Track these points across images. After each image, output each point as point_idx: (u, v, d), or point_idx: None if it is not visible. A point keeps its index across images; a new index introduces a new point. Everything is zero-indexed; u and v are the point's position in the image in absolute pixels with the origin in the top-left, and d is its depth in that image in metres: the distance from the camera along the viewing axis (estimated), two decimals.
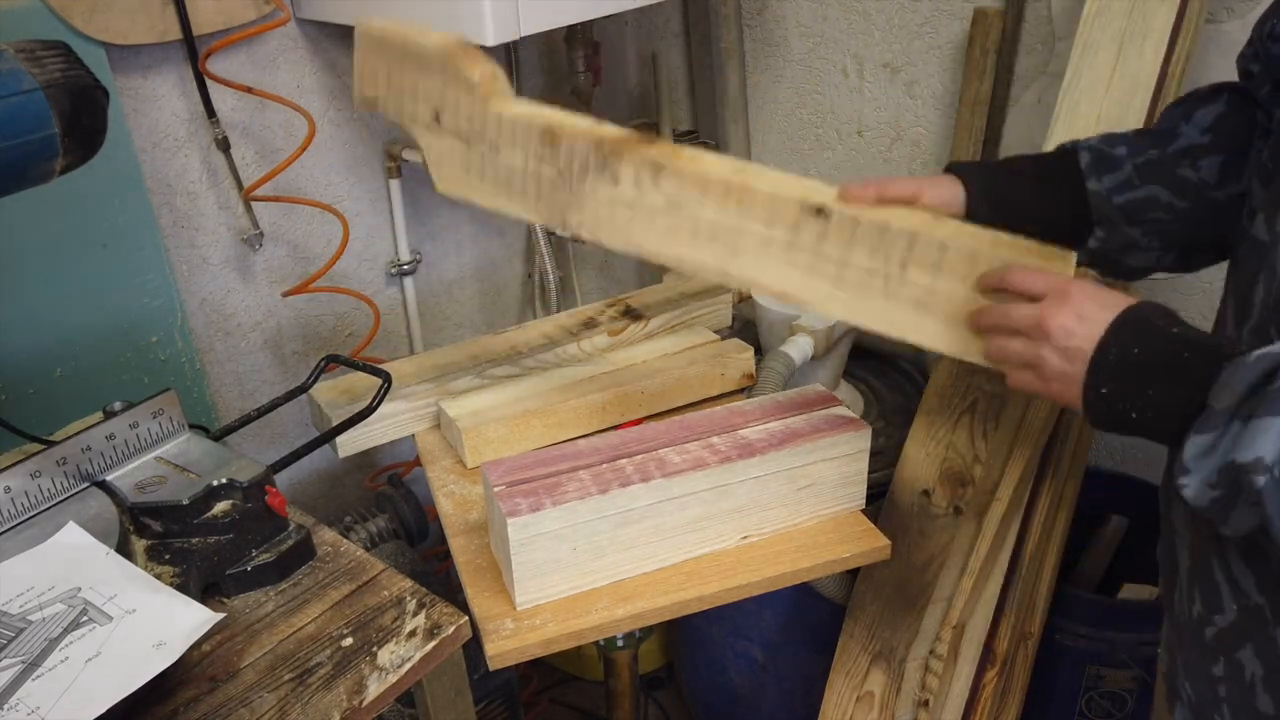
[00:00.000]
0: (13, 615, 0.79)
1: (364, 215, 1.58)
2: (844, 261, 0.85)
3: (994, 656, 1.30)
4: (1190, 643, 0.76)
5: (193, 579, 0.86)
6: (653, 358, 1.29)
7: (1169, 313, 0.70)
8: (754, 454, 0.98)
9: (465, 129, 0.97)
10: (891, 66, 1.63)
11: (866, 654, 1.36)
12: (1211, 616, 0.73)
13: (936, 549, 1.34)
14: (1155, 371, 0.67)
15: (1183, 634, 0.77)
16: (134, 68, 1.26)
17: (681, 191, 0.88)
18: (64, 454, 0.92)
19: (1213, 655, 0.73)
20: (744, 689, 1.61)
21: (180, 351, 1.36)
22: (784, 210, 0.85)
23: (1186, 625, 0.76)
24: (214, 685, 0.79)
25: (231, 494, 0.90)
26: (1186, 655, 0.76)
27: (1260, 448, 0.58)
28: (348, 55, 1.47)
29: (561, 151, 0.92)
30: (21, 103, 0.72)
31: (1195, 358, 0.65)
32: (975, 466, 1.34)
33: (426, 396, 1.23)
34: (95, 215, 1.23)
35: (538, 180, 0.95)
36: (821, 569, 1.00)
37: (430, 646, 0.83)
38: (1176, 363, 0.66)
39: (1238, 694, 0.71)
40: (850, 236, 0.83)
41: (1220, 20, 1.26)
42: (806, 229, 0.85)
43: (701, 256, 0.91)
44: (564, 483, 0.94)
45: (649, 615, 0.95)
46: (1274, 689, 0.69)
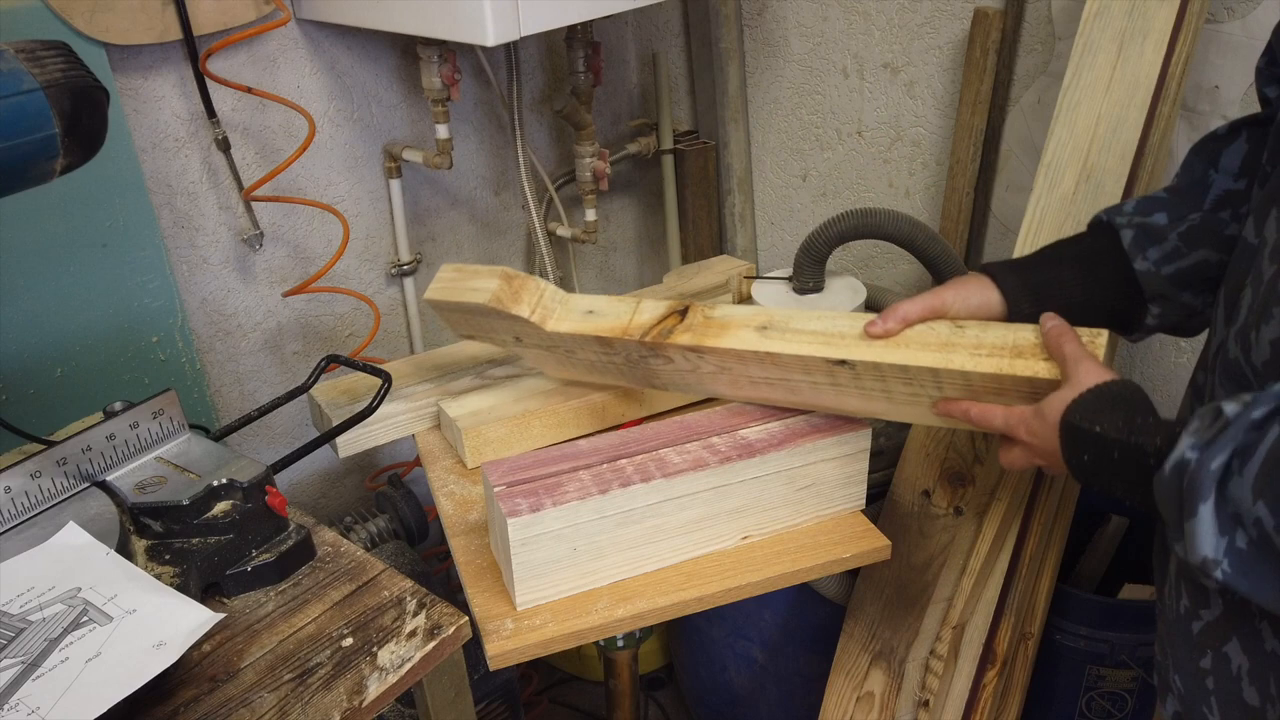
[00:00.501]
0: (13, 615, 0.79)
1: (364, 215, 1.58)
2: (887, 390, 0.93)
3: (994, 656, 1.30)
4: (1179, 637, 0.77)
5: (193, 579, 0.86)
6: None
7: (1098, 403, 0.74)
8: (754, 454, 0.98)
9: (541, 344, 1.11)
10: (891, 66, 1.63)
11: (866, 654, 1.36)
12: (1198, 611, 0.74)
13: (936, 549, 1.34)
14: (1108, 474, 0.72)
15: (1171, 629, 0.78)
16: (134, 68, 1.26)
17: (725, 361, 1.00)
18: (64, 454, 0.92)
19: (1200, 649, 0.74)
20: (744, 689, 1.61)
21: (180, 351, 1.36)
22: (814, 365, 0.94)
23: (1175, 621, 0.78)
24: (214, 685, 0.79)
25: (231, 494, 0.90)
26: (1175, 649, 0.78)
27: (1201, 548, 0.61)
28: (348, 55, 1.47)
29: (617, 349, 1.05)
30: (22, 103, 0.72)
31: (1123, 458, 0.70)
32: (975, 466, 1.33)
33: (426, 397, 1.23)
34: (95, 215, 1.23)
35: (616, 365, 1.09)
36: (821, 569, 1.00)
37: (430, 646, 0.83)
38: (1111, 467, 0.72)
39: (1225, 686, 0.73)
40: (881, 374, 0.91)
41: (1220, 20, 1.26)
42: (840, 375, 0.94)
43: (770, 396, 1.03)
44: (564, 483, 0.94)
45: (649, 615, 0.95)
46: (1260, 681, 0.70)
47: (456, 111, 1.61)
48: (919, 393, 0.91)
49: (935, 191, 1.67)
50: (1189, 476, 0.62)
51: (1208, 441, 0.61)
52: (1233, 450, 0.60)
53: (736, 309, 1.02)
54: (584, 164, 1.62)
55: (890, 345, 0.89)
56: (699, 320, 1.02)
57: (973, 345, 0.87)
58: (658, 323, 1.02)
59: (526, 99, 1.71)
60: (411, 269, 1.64)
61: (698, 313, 1.03)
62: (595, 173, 1.62)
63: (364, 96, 1.51)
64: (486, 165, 1.72)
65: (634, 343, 1.02)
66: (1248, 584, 0.60)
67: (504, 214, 1.79)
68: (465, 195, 1.71)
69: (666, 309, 1.04)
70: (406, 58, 1.52)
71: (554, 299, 1.08)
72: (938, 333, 0.89)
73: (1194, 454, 0.62)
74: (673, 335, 1.00)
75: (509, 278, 1.06)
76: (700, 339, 0.99)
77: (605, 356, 1.08)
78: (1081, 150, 1.31)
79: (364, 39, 1.47)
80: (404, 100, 1.56)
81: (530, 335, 1.10)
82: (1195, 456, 0.61)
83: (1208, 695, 0.74)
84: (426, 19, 1.22)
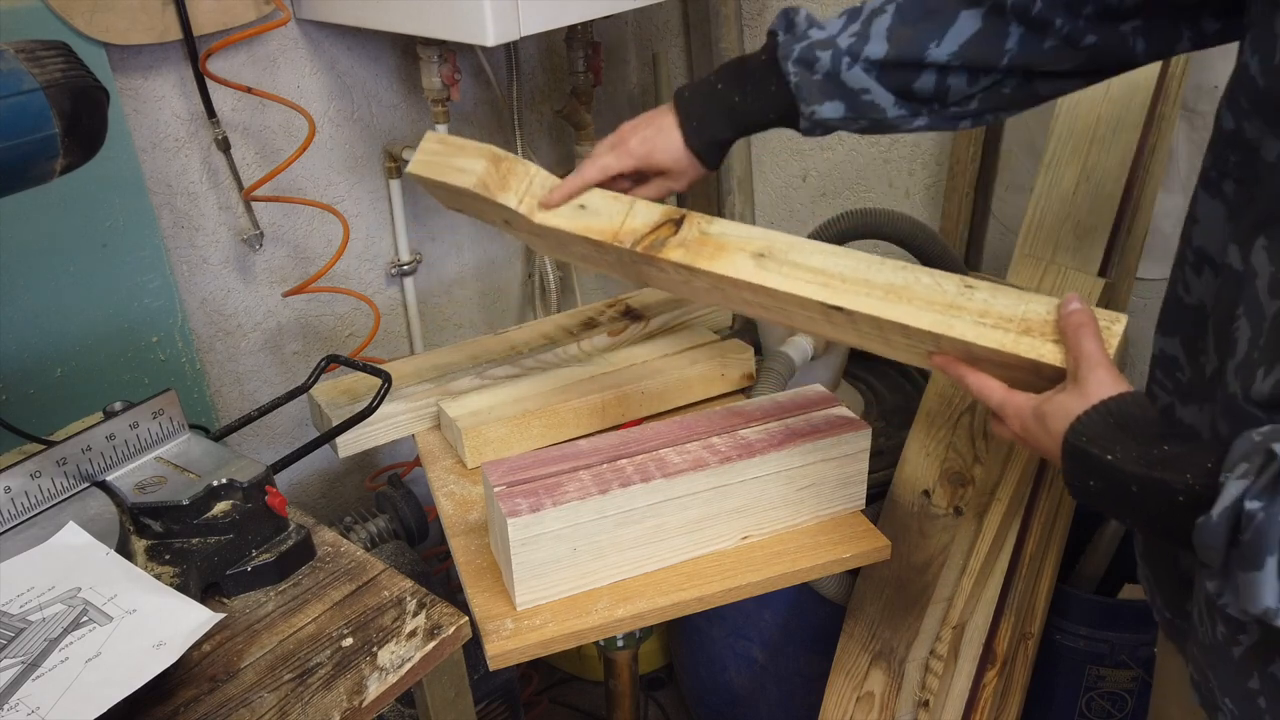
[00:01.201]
0: (13, 615, 0.79)
1: (364, 215, 1.58)
2: (885, 338, 0.88)
3: (994, 656, 1.30)
4: (1221, 662, 0.75)
5: (193, 579, 0.86)
6: (653, 358, 1.29)
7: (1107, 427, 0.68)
8: (754, 454, 0.98)
9: (532, 231, 1.04)
10: None
11: (866, 654, 1.36)
12: (1236, 637, 0.73)
13: (936, 549, 1.34)
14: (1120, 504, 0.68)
15: (1210, 653, 0.76)
16: (134, 68, 1.26)
17: (720, 283, 0.93)
18: (64, 454, 0.92)
19: (1245, 672, 0.73)
20: (744, 689, 1.61)
21: (180, 351, 1.36)
22: (810, 305, 0.89)
23: (1212, 646, 0.76)
24: (214, 685, 0.79)
25: (231, 494, 0.90)
26: (1219, 673, 0.76)
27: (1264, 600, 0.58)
28: (348, 55, 1.47)
29: (608, 252, 0.99)
30: (22, 103, 0.72)
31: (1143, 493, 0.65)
32: (975, 466, 1.34)
33: (426, 396, 1.23)
34: (95, 215, 1.23)
35: (609, 262, 1.03)
36: (821, 569, 1.00)
37: (430, 647, 0.83)
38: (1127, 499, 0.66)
39: (1278, 705, 0.71)
40: (879, 326, 0.86)
41: None
42: (837, 318, 0.88)
43: (765, 316, 0.99)
44: (564, 483, 0.94)
45: (649, 615, 0.95)
46: None
47: (456, 111, 1.61)
48: (917, 346, 0.88)
49: (935, 191, 1.67)
50: (1255, 529, 0.58)
51: (1268, 488, 0.58)
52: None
53: (735, 228, 0.94)
54: None
55: (891, 298, 0.85)
56: (694, 235, 0.94)
57: (979, 312, 0.82)
58: (651, 231, 0.95)
59: (526, 99, 1.71)
60: (411, 269, 1.64)
61: (693, 225, 0.95)
62: None
63: (364, 96, 1.51)
64: None
65: (625, 249, 0.96)
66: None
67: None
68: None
69: (661, 216, 0.97)
70: (406, 58, 1.52)
71: (544, 187, 1.00)
72: (944, 289, 0.84)
73: (1257, 504, 0.58)
74: (665, 249, 0.94)
75: (496, 160, 0.99)
76: (693, 259, 0.92)
77: (597, 254, 1.02)
78: (1081, 150, 1.31)
79: (364, 39, 1.47)
80: (404, 100, 1.56)
81: (519, 222, 1.03)
82: (1260, 507, 0.57)
83: (1262, 714, 0.73)
84: (426, 19, 1.22)
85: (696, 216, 0.96)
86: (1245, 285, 0.68)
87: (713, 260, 0.92)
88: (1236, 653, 0.73)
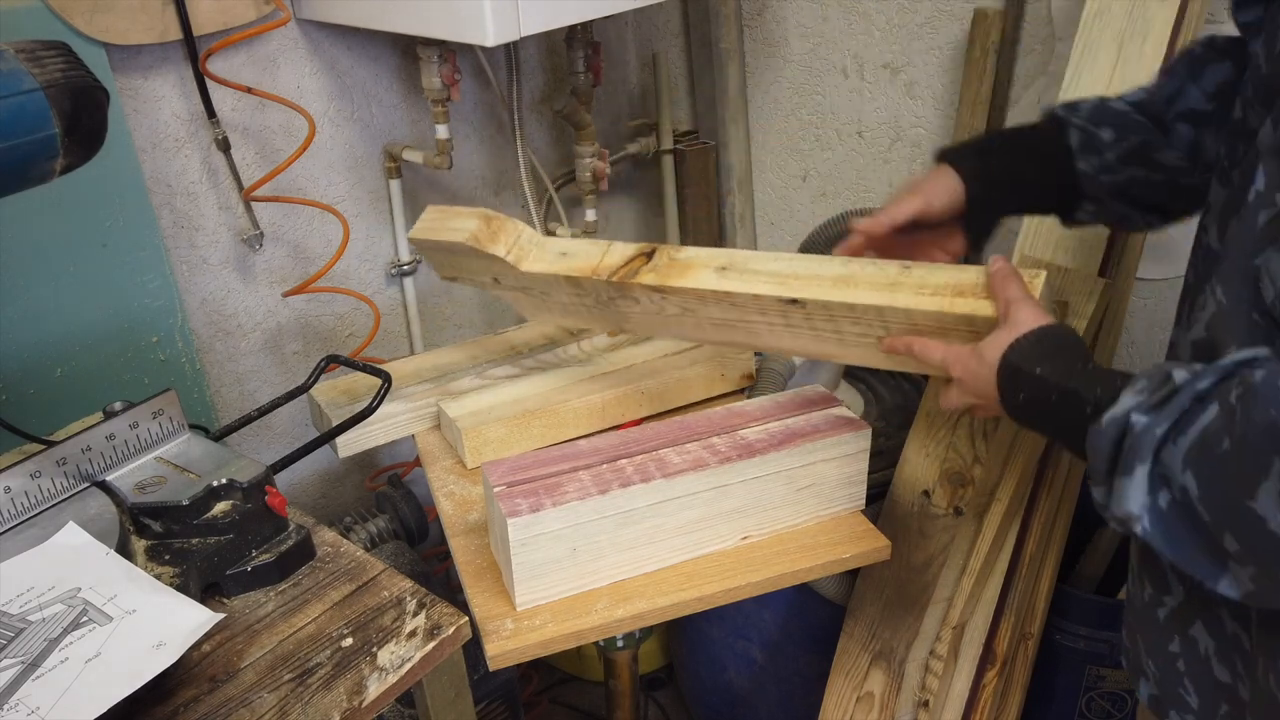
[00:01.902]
0: (13, 615, 0.79)
1: (364, 215, 1.58)
2: (839, 331, 0.96)
3: (994, 657, 1.30)
4: (1147, 624, 0.79)
5: (193, 579, 0.86)
6: (653, 358, 1.29)
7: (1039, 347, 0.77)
8: (754, 454, 0.98)
9: (518, 285, 1.16)
10: (891, 67, 1.63)
11: (866, 654, 1.36)
12: (1161, 599, 0.77)
13: (936, 549, 1.34)
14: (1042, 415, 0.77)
15: (1139, 616, 0.81)
16: (134, 68, 1.26)
17: (687, 302, 1.03)
18: (64, 454, 0.92)
19: (1168, 634, 0.77)
20: (744, 689, 1.61)
21: (180, 351, 1.36)
22: (769, 304, 0.97)
23: (1141, 609, 0.80)
24: (214, 685, 0.79)
25: (231, 494, 0.90)
26: (1146, 635, 0.80)
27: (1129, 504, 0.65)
28: (348, 55, 1.47)
29: (587, 290, 1.09)
30: (22, 103, 0.72)
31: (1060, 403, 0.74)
32: (975, 466, 1.33)
33: (426, 397, 1.23)
34: (95, 215, 1.23)
35: (587, 307, 1.13)
36: (821, 569, 1.00)
37: (430, 647, 0.83)
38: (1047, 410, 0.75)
39: (1196, 668, 0.75)
40: (831, 314, 0.95)
41: (1220, 20, 1.26)
42: (794, 314, 0.97)
43: (731, 338, 1.06)
44: (564, 483, 0.94)
45: (649, 615, 0.95)
46: (1227, 660, 0.73)
47: (456, 112, 1.61)
48: (867, 332, 0.94)
49: None
50: (1132, 438, 0.64)
51: (1154, 406, 0.64)
52: (1175, 419, 0.63)
53: (700, 251, 1.05)
54: (584, 164, 1.62)
55: (839, 286, 0.93)
56: (664, 261, 1.05)
57: (917, 285, 0.90)
58: (625, 263, 1.05)
59: (526, 99, 1.71)
60: (411, 269, 1.64)
61: (664, 254, 1.05)
62: (595, 173, 1.62)
63: (364, 96, 1.51)
64: (486, 165, 1.72)
65: (602, 283, 1.05)
66: (1164, 541, 0.64)
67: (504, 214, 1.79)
68: (465, 195, 1.71)
69: (635, 250, 1.06)
70: (406, 58, 1.52)
71: (530, 241, 1.11)
72: (886, 273, 0.92)
73: (1141, 418, 0.64)
74: (639, 275, 1.04)
75: (488, 219, 1.10)
76: (663, 279, 1.02)
77: (577, 298, 1.11)
78: None
79: (364, 39, 1.47)
80: (404, 100, 1.56)
81: (507, 276, 1.14)
82: (1143, 421, 0.64)
83: (1180, 677, 0.77)
84: (426, 19, 1.22)
85: (667, 248, 1.06)
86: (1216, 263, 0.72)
87: (681, 278, 1.01)
88: (1161, 615, 0.77)
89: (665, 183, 1.91)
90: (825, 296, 0.93)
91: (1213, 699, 0.75)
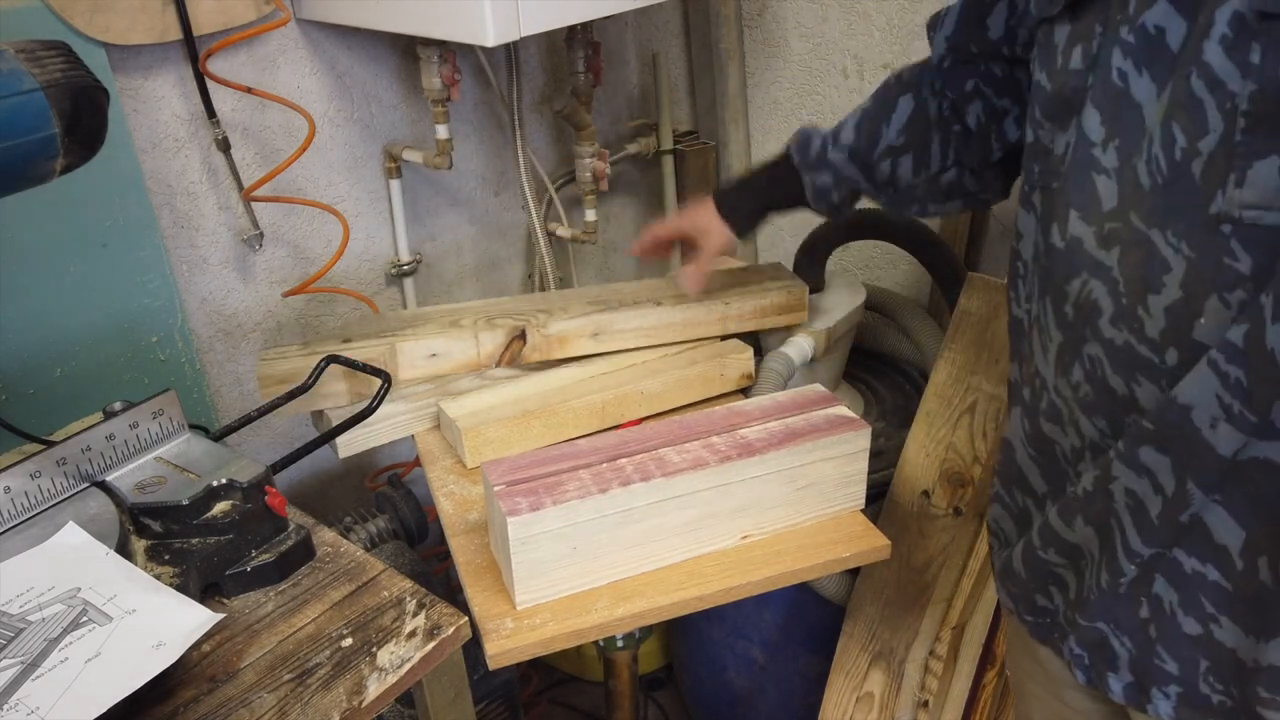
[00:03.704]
0: (12, 615, 0.79)
1: (364, 215, 1.58)
2: None
3: (994, 657, 1.30)
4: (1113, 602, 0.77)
5: (192, 579, 0.86)
6: (653, 358, 1.29)
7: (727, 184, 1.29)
8: (754, 454, 0.98)
9: None
10: (891, 67, 1.63)
11: (866, 654, 1.36)
12: (1119, 580, 0.76)
13: (936, 549, 1.34)
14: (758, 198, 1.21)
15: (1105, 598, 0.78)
16: (134, 68, 1.26)
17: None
18: (64, 454, 0.92)
19: (1134, 601, 0.76)
20: (744, 689, 1.61)
21: (180, 351, 1.36)
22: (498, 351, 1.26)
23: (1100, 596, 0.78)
24: (214, 685, 0.79)
25: (231, 494, 0.90)
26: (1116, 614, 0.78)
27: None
28: (348, 55, 1.47)
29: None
30: (22, 103, 0.72)
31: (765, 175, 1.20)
32: (975, 467, 1.34)
33: (426, 397, 1.23)
34: (95, 215, 1.23)
35: None
36: (821, 569, 1.00)
37: (430, 647, 0.83)
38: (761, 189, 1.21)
39: (1166, 628, 0.74)
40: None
41: None
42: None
43: None
44: (564, 482, 0.94)
45: (649, 615, 0.95)
46: (1193, 608, 0.72)
47: (456, 112, 1.61)
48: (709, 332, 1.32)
49: None
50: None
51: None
52: None
53: (569, 323, 1.26)
54: (584, 164, 1.62)
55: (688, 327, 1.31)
56: (540, 340, 1.25)
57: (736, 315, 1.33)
58: (504, 350, 1.24)
59: (526, 99, 1.71)
60: (411, 269, 1.64)
61: (534, 332, 1.25)
62: (595, 173, 1.62)
63: (364, 97, 1.51)
64: (486, 165, 1.72)
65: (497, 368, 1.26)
66: None
67: (504, 214, 1.79)
68: (465, 195, 1.71)
69: (506, 336, 1.24)
70: (406, 58, 1.52)
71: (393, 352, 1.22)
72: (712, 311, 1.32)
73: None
74: (524, 357, 1.25)
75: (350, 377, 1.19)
76: (548, 355, 1.27)
77: None
78: None
79: (364, 39, 1.47)
80: (404, 100, 1.56)
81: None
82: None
83: (1154, 645, 0.76)
84: (426, 19, 1.22)
85: (533, 325, 1.25)
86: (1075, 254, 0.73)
87: (563, 350, 1.28)
88: (1123, 587, 0.76)
89: (665, 183, 1.91)
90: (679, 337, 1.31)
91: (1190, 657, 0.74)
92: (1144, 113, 0.66)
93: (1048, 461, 0.83)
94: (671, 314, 1.29)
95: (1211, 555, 0.70)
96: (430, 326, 1.26)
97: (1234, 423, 0.64)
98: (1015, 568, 0.88)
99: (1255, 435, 0.64)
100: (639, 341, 1.29)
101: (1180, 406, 0.66)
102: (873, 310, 1.61)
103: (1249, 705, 0.72)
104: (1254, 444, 0.64)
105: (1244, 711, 0.72)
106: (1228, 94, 0.60)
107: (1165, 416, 0.67)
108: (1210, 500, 0.68)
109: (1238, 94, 0.59)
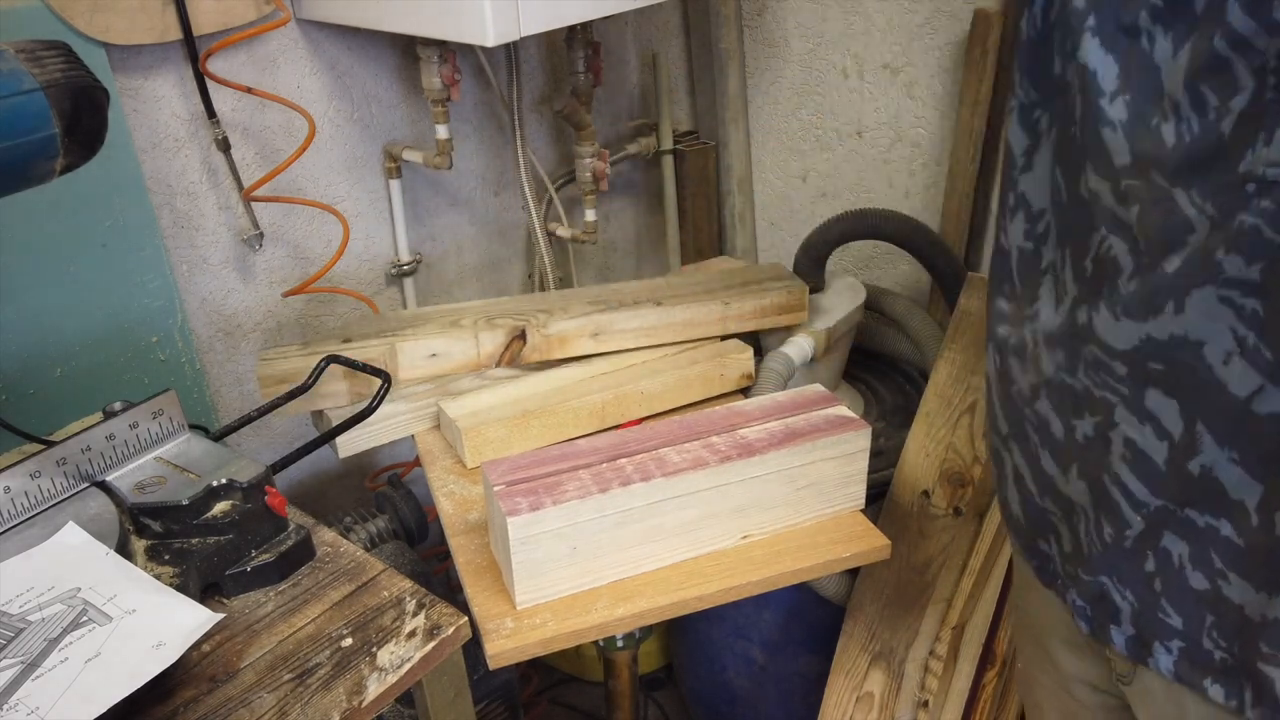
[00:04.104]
0: (12, 615, 0.79)
1: (364, 215, 1.58)
2: None
3: (994, 656, 1.30)
4: (1116, 558, 0.77)
5: (192, 579, 0.86)
6: (653, 358, 1.29)
7: None
8: (754, 454, 0.98)
9: None
10: (891, 67, 1.63)
11: (866, 654, 1.36)
12: (1124, 533, 0.75)
13: (936, 549, 1.34)
14: None
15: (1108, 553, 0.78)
16: (134, 68, 1.26)
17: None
18: (64, 454, 0.92)
19: (1140, 555, 0.75)
20: (744, 689, 1.61)
21: (180, 351, 1.36)
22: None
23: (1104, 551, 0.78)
24: (214, 685, 0.79)
25: (231, 494, 0.90)
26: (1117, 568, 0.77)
27: None
28: (348, 55, 1.47)
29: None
30: (22, 103, 0.72)
31: None
32: (975, 467, 1.34)
33: (426, 397, 1.23)
34: (95, 215, 1.23)
35: None
36: (821, 569, 1.00)
37: (430, 647, 0.83)
38: None
39: (1173, 582, 0.73)
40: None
41: None
42: None
43: None
44: (564, 482, 0.94)
45: (649, 615, 0.95)
46: (1202, 564, 0.71)
47: (456, 112, 1.61)
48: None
49: (935, 192, 1.67)
50: None
51: None
52: None
53: (569, 323, 1.26)
54: (584, 164, 1.62)
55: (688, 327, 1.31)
56: (540, 340, 1.26)
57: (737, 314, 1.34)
58: (504, 350, 1.24)
59: (526, 99, 1.71)
60: (411, 269, 1.64)
61: (535, 332, 1.25)
62: (595, 173, 1.62)
63: (364, 96, 1.51)
64: (486, 165, 1.72)
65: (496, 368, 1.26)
66: None
67: (504, 214, 1.79)
68: (465, 195, 1.71)
69: (506, 336, 1.24)
70: (406, 58, 1.52)
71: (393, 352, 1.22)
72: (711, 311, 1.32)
73: None
74: (524, 357, 1.25)
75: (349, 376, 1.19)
76: (548, 355, 1.27)
77: None
78: None
79: (364, 39, 1.47)
80: (404, 100, 1.56)
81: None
82: None
83: (1158, 598, 0.75)
84: (426, 19, 1.22)
85: (533, 325, 1.25)
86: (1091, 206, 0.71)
87: (563, 351, 1.27)
88: (1128, 543, 0.75)
89: (665, 183, 1.91)
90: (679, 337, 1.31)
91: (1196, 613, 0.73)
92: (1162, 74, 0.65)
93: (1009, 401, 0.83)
94: (671, 314, 1.30)
95: (1225, 511, 0.69)
96: (430, 326, 1.26)
97: (1249, 358, 0.62)
98: (1014, 511, 0.89)
99: (1271, 380, 0.62)
100: (639, 341, 1.30)
101: (1192, 343, 0.65)
102: (873, 310, 1.61)
103: (1249, 662, 0.71)
104: (1270, 392, 0.63)
105: (1243, 669, 0.72)
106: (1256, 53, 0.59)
107: (1175, 355, 0.66)
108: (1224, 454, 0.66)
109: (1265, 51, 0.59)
